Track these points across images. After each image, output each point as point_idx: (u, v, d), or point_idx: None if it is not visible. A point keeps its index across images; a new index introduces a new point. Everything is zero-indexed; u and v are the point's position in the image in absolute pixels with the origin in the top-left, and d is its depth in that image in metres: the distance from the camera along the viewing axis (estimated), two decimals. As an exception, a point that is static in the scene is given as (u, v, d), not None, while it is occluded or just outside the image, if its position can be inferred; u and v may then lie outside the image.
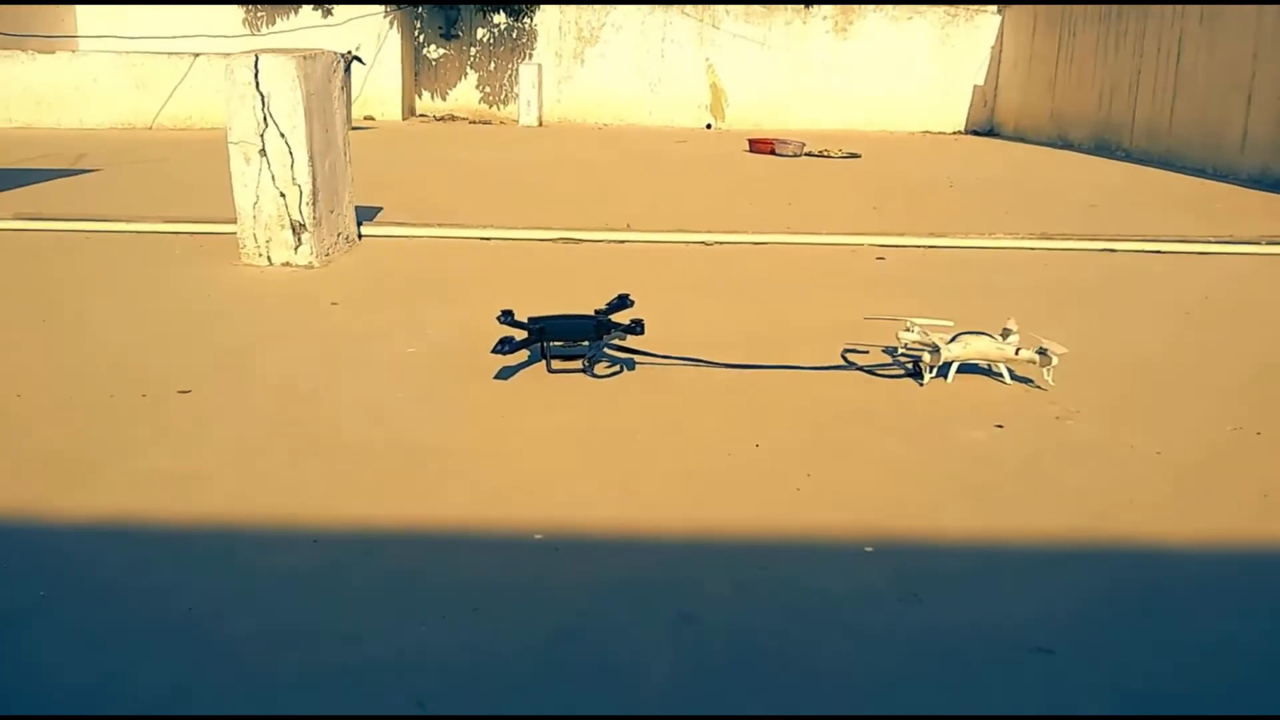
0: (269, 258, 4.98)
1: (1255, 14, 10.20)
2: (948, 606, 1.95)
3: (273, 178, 4.87)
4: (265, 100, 4.77)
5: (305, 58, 4.85)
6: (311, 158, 4.88)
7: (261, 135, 4.81)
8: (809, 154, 11.95)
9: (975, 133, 17.17)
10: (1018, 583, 2.06)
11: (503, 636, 1.84)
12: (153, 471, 2.55)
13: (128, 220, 6.07)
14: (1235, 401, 3.22)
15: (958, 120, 17.39)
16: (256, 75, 4.75)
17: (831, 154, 11.93)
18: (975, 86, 17.26)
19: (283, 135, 4.81)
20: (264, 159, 4.85)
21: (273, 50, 4.83)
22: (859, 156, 11.88)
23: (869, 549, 2.16)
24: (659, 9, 16.83)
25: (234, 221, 5.03)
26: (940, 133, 17.08)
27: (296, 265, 4.97)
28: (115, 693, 1.68)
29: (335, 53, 5.27)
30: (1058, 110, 14.88)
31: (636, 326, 3.32)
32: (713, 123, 17.26)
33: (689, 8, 16.81)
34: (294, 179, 4.87)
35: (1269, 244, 6.01)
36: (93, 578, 2.05)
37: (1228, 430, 2.94)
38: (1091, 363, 3.52)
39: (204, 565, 2.10)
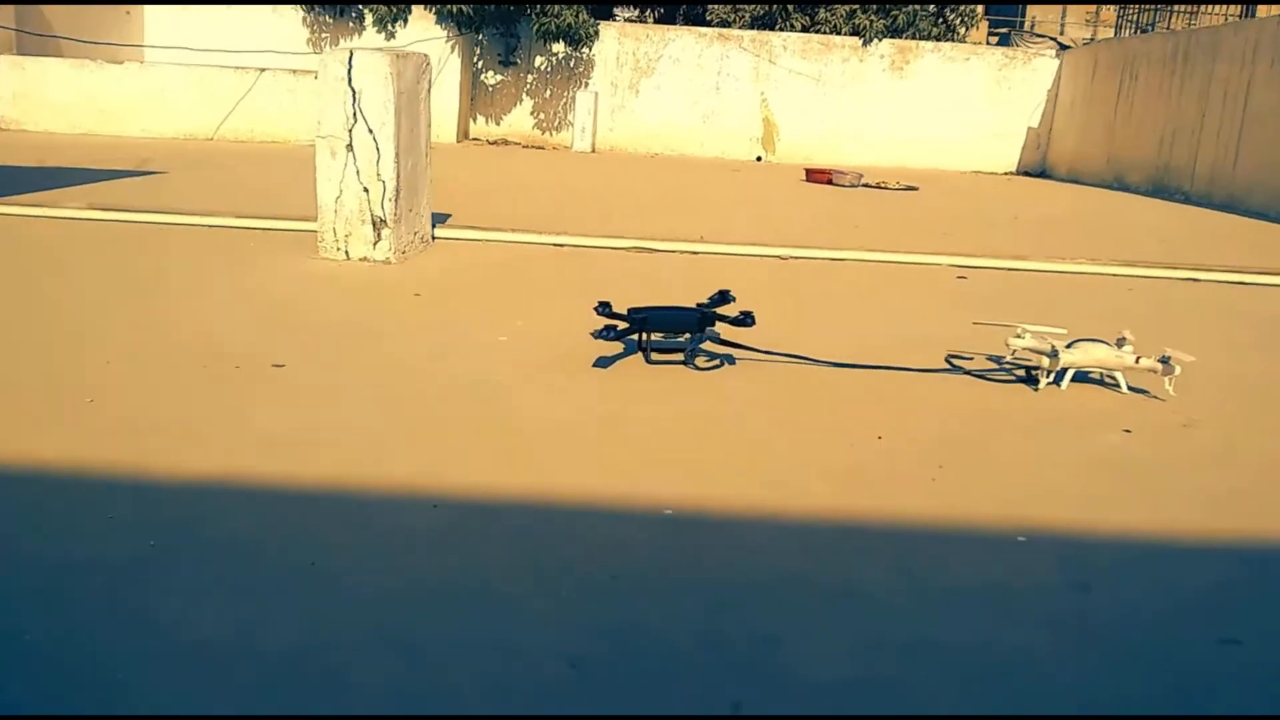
0: (347, 252, 4.95)
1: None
2: (1121, 597, 1.83)
3: (357, 173, 4.85)
4: (356, 96, 4.76)
5: (398, 56, 4.85)
6: (397, 155, 4.86)
7: (350, 130, 4.80)
8: (866, 185, 11.88)
9: (1027, 173, 17.04)
10: (1185, 577, 1.94)
11: (652, 606, 1.75)
12: (259, 435, 2.49)
13: (200, 214, 6.08)
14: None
15: (1010, 162, 17.28)
16: (350, 71, 4.74)
17: (889, 186, 11.86)
18: (1029, 128, 17.16)
19: (371, 131, 4.80)
20: (350, 154, 4.83)
21: (367, 48, 4.83)
22: (916, 189, 11.80)
23: (1022, 539, 2.05)
24: (717, 43, 16.89)
25: (305, 221, 5.01)
26: (992, 173, 16.96)
27: (374, 260, 4.94)
28: (249, 644, 1.60)
29: (425, 55, 5.28)
30: (1115, 153, 14.73)
31: (746, 318, 3.23)
32: (763, 155, 17.25)
33: (746, 42, 16.86)
34: (379, 175, 4.85)
35: (1359, 281, 5.84)
36: (208, 531, 1.98)
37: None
38: (1202, 380, 3.38)
39: (323, 523, 2.03)
